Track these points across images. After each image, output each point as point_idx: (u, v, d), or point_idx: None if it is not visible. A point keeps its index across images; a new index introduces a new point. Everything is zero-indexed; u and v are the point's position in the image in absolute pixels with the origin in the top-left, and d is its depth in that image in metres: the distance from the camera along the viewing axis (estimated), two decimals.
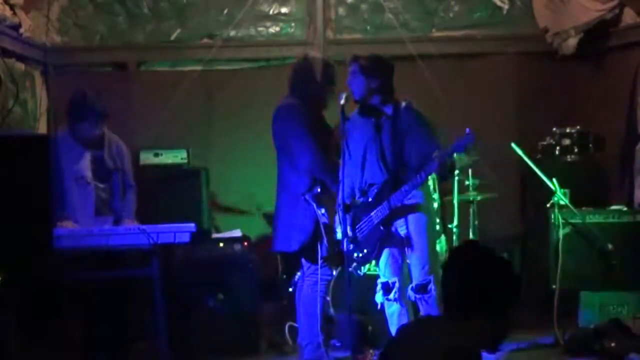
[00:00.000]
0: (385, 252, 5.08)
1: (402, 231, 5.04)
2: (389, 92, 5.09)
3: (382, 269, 5.12)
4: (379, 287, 5.12)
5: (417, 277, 4.99)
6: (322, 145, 5.26)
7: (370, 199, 5.04)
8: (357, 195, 5.11)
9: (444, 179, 5.21)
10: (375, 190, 5.03)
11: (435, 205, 6.19)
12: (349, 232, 5.01)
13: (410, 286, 5.02)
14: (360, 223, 5.07)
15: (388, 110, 5.07)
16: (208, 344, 5.67)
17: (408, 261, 5.08)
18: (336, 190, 5.13)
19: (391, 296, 5.05)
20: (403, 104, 5.07)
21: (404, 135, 5.00)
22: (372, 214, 5.02)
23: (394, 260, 5.08)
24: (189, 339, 5.61)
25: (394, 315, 5.09)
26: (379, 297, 5.12)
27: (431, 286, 4.96)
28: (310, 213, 5.26)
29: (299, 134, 5.25)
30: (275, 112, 5.43)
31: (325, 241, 5.20)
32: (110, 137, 5.66)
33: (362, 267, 5.20)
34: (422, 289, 4.98)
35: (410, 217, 5.02)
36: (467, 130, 4.81)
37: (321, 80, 5.37)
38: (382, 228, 4.99)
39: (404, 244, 5.04)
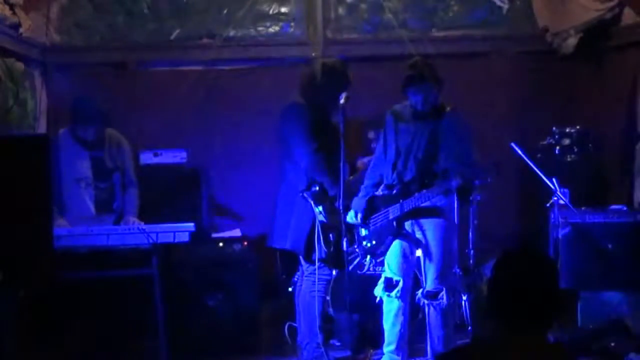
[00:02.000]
0: (397, 249, 5.08)
1: (419, 234, 5.04)
2: (438, 98, 5.13)
3: (389, 264, 5.11)
4: (381, 280, 5.12)
5: (429, 283, 5.00)
6: (326, 147, 5.27)
7: (393, 193, 5.06)
8: (383, 188, 5.13)
9: (462, 200, 5.21)
10: (399, 188, 5.04)
11: None
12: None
13: (421, 291, 5.03)
14: (377, 214, 5.09)
15: (435, 114, 5.07)
16: (208, 344, 5.67)
17: (422, 265, 5.08)
18: (334, 193, 5.15)
19: (393, 293, 5.05)
20: (448, 108, 5.08)
21: (443, 141, 5.00)
22: (389, 208, 5.03)
23: (405, 259, 5.09)
24: (189, 339, 5.61)
25: (392, 312, 5.09)
26: (378, 291, 5.13)
27: (442, 294, 4.97)
28: (309, 211, 5.27)
29: (299, 134, 5.28)
30: (281, 111, 5.46)
31: (322, 241, 5.21)
32: (110, 135, 5.66)
33: (367, 259, 5.23)
34: (432, 296, 4.99)
35: (430, 222, 5.02)
36: (493, 163, 4.84)
37: (332, 84, 5.35)
38: (394, 225, 5.01)
39: (418, 245, 5.04)
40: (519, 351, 2.57)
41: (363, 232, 5.14)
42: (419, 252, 5.09)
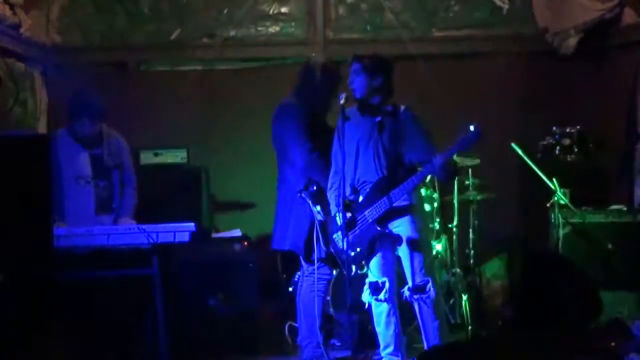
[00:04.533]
0: (376, 251, 5.07)
1: (397, 231, 5.04)
2: (390, 92, 5.11)
3: (371, 268, 5.11)
4: (366, 286, 5.11)
5: (415, 278, 5.00)
6: (321, 147, 5.27)
7: (361, 198, 5.05)
8: (350, 191, 5.11)
9: (446, 179, 5.22)
10: (368, 189, 5.03)
11: (435, 204, 6.21)
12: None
13: (407, 287, 5.03)
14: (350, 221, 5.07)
15: (387, 110, 5.08)
16: (208, 344, 5.67)
17: (404, 262, 5.09)
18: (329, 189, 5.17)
19: (381, 296, 5.03)
20: (402, 107, 5.09)
21: (401, 136, 5.01)
22: (366, 212, 5.01)
23: (385, 260, 5.07)
24: (189, 339, 5.60)
25: (382, 314, 5.08)
26: (366, 297, 5.11)
27: (429, 287, 4.96)
28: (307, 212, 5.28)
29: (294, 133, 5.28)
30: (274, 112, 5.46)
31: (321, 240, 5.20)
32: (108, 134, 5.66)
33: (355, 267, 5.21)
34: (420, 289, 4.98)
35: (405, 219, 5.01)
36: (472, 126, 4.79)
37: (324, 83, 5.37)
38: (377, 227, 4.99)
39: (396, 243, 5.04)
40: (531, 351, 2.59)
41: (339, 243, 5.10)
42: (399, 251, 5.08)
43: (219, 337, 5.74)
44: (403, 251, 5.02)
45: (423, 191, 6.02)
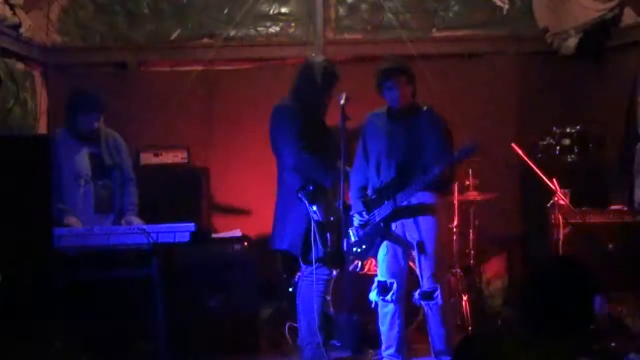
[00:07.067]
0: (388, 251, 5.08)
1: (410, 234, 5.03)
2: (415, 95, 5.14)
3: (381, 267, 5.12)
4: (374, 284, 5.12)
5: (424, 283, 5.00)
6: (319, 146, 5.27)
7: (375, 197, 5.07)
8: (371, 193, 5.13)
9: (438, 189, 5.21)
10: (383, 189, 5.05)
11: None
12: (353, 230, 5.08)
13: (418, 291, 5.04)
14: (365, 219, 5.09)
15: (411, 112, 5.08)
16: (208, 344, 5.67)
17: (412, 263, 5.10)
18: (330, 185, 5.16)
19: (388, 297, 5.05)
20: (424, 107, 5.10)
21: (422, 138, 5.01)
22: (375, 211, 5.03)
23: (395, 261, 5.08)
24: (189, 339, 5.60)
25: (388, 315, 5.09)
26: (373, 296, 5.12)
27: (437, 294, 4.97)
28: (304, 211, 5.27)
29: (287, 134, 5.29)
30: (271, 115, 5.47)
31: (319, 240, 5.20)
32: (106, 132, 5.66)
33: (359, 264, 5.24)
34: (428, 296, 4.99)
35: (420, 219, 5.02)
36: (470, 140, 4.88)
37: (322, 83, 5.37)
38: (382, 225, 5.01)
39: (408, 245, 5.04)
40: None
41: (352, 237, 5.13)
42: (414, 253, 5.09)
43: (219, 337, 5.74)
44: (416, 254, 5.04)
45: None
